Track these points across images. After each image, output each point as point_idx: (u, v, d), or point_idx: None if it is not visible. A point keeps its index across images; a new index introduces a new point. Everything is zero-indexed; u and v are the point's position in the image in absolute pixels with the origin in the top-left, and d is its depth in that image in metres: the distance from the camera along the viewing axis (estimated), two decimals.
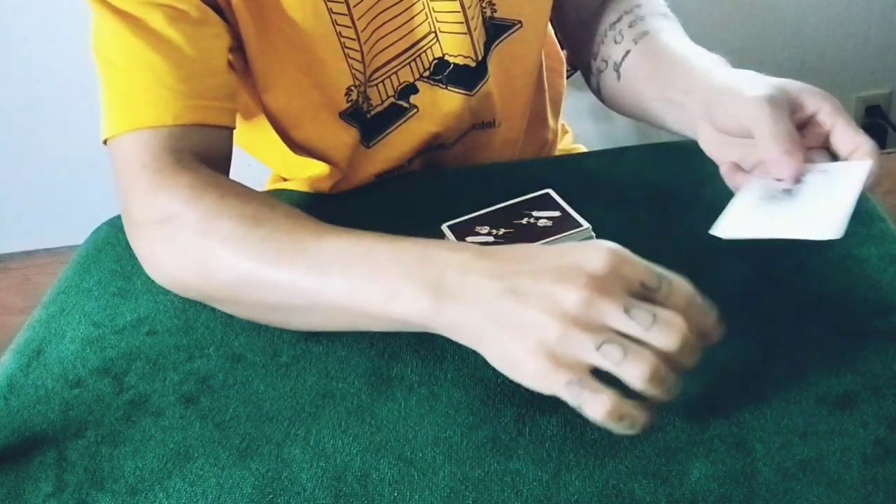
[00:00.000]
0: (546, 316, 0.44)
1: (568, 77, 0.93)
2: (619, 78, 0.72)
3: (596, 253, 0.45)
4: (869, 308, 0.53)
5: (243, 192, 0.59)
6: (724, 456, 0.46)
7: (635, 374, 0.42)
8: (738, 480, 0.45)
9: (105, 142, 0.63)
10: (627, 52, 0.70)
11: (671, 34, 0.69)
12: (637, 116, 0.73)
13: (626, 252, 0.45)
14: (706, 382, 0.50)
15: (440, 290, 0.48)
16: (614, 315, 0.43)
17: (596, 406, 0.43)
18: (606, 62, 0.73)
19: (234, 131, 0.67)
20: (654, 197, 0.67)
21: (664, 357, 0.43)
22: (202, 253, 0.56)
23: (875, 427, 0.46)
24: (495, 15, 0.73)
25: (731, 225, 0.53)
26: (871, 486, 0.43)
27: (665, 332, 0.43)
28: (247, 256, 0.54)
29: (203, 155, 0.62)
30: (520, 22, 0.75)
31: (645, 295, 0.44)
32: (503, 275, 0.46)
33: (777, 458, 0.45)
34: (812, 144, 0.55)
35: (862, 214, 0.61)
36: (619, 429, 0.43)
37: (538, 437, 0.48)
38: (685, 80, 0.63)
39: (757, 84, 0.56)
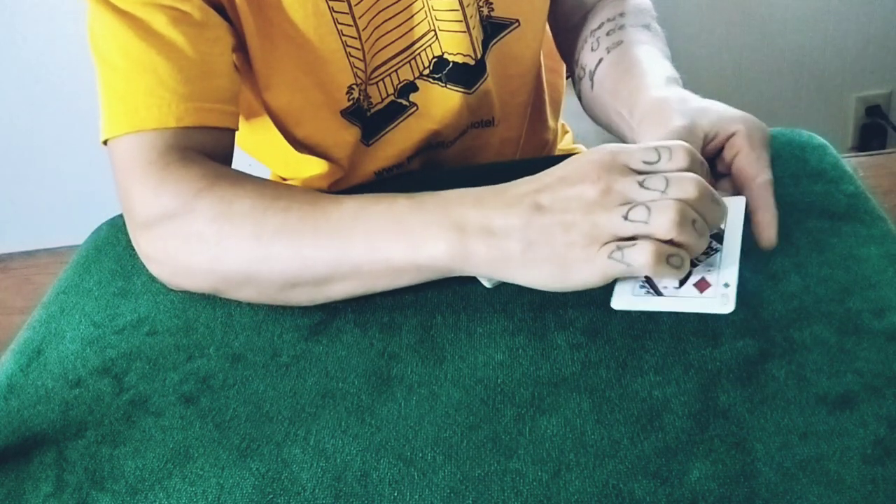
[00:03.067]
0: (575, 214, 0.47)
1: (568, 77, 0.93)
2: (591, 87, 0.71)
3: (593, 154, 0.49)
4: (869, 308, 0.53)
5: (257, 178, 0.60)
6: (724, 456, 0.46)
7: (664, 223, 0.45)
8: (738, 480, 0.45)
9: (105, 142, 0.63)
10: (600, 60, 0.70)
11: (645, 47, 0.68)
12: (604, 127, 0.72)
13: (616, 145, 0.49)
14: (706, 382, 0.50)
15: (465, 228, 0.50)
16: (631, 189, 0.46)
17: (641, 255, 0.45)
18: (584, 69, 0.73)
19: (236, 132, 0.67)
20: None
21: (686, 205, 0.46)
22: (219, 235, 0.56)
23: (875, 427, 0.46)
24: (492, 13, 0.73)
25: (623, 298, 0.51)
26: (871, 486, 0.43)
27: (680, 185, 0.46)
28: (270, 226, 0.55)
29: (205, 155, 0.62)
30: (517, 21, 0.75)
31: (650, 171, 0.47)
32: (520, 199, 0.49)
33: (777, 458, 0.45)
34: (725, 171, 0.55)
35: (862, 214, 0.61)
36: (669, 271, 0.46)
37: (538, 437, 0.48)
38: (634, 96, 0.62)
39: (678, 112, 0.56)
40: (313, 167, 0.76)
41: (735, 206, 0.53)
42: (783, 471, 0.45)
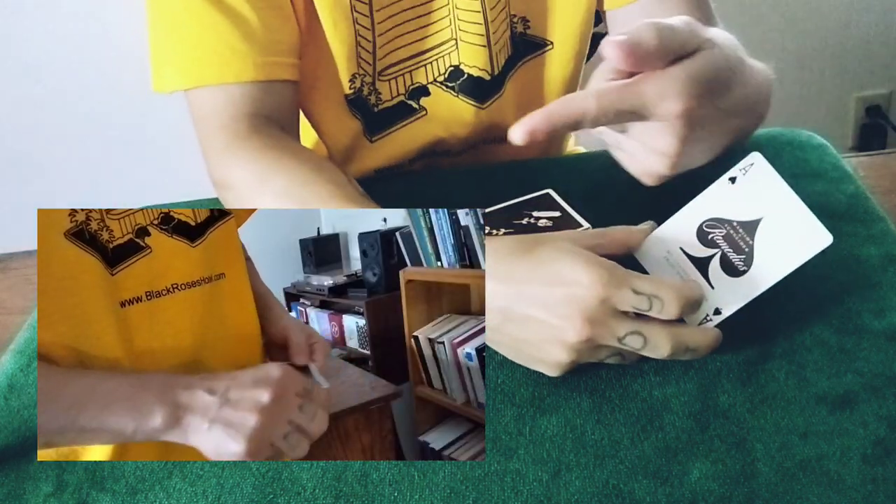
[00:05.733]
0: (555, 348, 0.48)
1: None
2: None
3: (586, 290, 0.46)
4: (869, 308, 0.53)
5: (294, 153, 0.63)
6: (724, 456, 0.46)
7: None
8: (738, 480, 0.45)
9: (158, 90, 0.66)
10: None
11: None
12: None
13: (615, 276, 0.46)
14: (706, 382, 0.50)
15: None
16: (609, 343, 0.47)
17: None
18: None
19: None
20: (655, 197, 0.67)
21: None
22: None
23: (875, 427, 0.46)
24: (527, 31, 0.73)
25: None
26: (871, 486, 0.43)
27: (655, 349, 0.47)
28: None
29: (273, 113, 0.66)
30: (551, 42, 0.74)
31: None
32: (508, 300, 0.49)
33: (777, 458, 0.45)
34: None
35: (862, 214, 0.61)
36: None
37: (538, 437, 0.48)
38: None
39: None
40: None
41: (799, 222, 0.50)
42: (783, 471, 0.45)
